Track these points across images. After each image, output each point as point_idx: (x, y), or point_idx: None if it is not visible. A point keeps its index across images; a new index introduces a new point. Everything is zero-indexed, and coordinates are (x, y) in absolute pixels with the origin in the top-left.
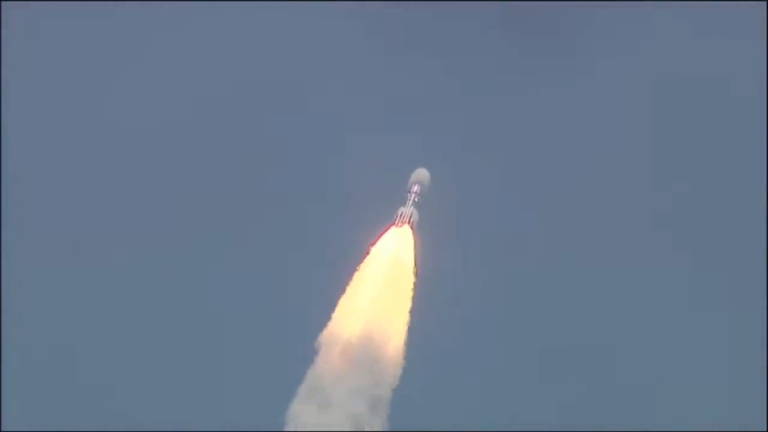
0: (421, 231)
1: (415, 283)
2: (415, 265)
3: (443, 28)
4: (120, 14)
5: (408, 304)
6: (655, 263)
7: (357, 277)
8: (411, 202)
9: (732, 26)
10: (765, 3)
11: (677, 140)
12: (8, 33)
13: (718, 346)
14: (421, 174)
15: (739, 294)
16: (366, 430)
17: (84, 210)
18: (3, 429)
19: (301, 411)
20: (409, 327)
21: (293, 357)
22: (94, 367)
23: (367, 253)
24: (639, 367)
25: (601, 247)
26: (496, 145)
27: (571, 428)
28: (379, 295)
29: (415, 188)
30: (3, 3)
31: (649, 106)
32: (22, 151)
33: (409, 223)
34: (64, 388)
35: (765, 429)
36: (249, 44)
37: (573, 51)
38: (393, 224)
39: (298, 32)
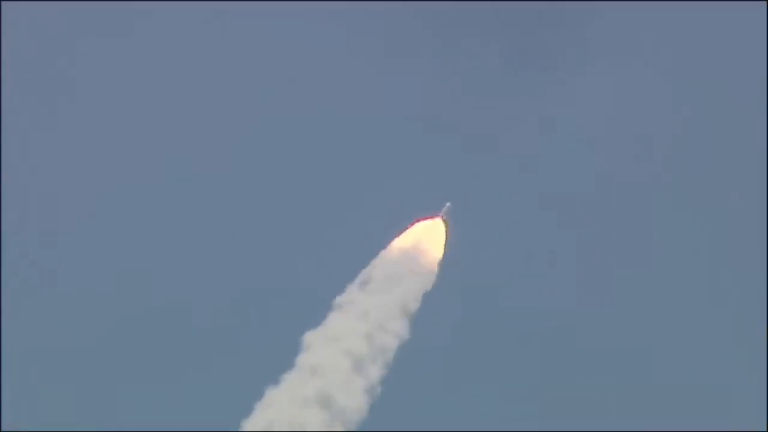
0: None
1: (445, 242)
2: (446, 235)
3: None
4: (120, 14)
5: (442, 246)
6: (655, 263)
7: (405, 232)
8: (443, 211)
9: (732, 26)
10: (765, 3)
11: (677, 140)
12: (8, 33)
13: (718, 346)
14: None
15: (739, 294)
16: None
17: (84, 210)
18: (3, 429)
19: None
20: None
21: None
22: (94, 367)
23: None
24: (639, 368)
25: (606, 248)
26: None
27: (571, 428)
28: (421, 236)
29: (446, 208)
30: (3, 3)
31: (649, 106)
32: (22, 151)
33: (441, 218)
34: (64, 388)
35: (765, 429)
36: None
37: (572, 53)
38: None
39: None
